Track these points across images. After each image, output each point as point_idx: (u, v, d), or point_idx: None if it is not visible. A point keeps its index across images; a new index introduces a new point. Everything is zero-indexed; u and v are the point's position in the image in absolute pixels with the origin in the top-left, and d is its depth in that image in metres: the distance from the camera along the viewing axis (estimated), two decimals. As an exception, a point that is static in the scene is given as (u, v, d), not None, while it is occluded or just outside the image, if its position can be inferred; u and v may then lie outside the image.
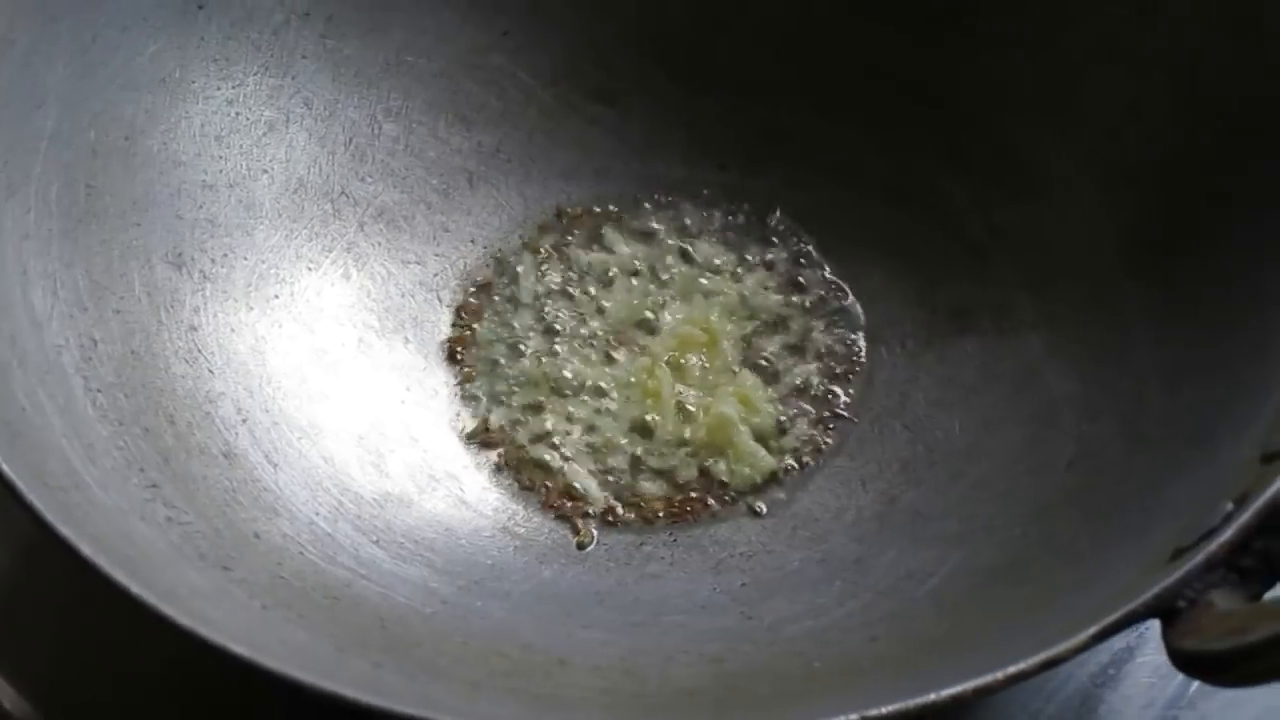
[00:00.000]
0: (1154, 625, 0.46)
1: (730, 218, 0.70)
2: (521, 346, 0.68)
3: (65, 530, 0.47)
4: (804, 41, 0.70)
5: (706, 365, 0.66)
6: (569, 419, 0.66)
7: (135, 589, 0.45)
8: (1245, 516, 0.46)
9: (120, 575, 0.46)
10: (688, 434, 0.65)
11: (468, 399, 0.66)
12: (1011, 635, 0.51)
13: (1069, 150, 0.65)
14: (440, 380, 0.67)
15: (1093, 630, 0.45)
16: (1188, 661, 0.44)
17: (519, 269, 0.70)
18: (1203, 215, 0.60)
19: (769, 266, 0.69)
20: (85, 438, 0.54)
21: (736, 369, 0.67)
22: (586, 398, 0.66)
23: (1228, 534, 0.46)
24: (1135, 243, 0.62)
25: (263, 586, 0.53)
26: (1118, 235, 0.63)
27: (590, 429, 0.65)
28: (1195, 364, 0.57)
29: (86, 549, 0.47)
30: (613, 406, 0.66)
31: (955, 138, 0.68)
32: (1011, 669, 0.45)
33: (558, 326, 0.68)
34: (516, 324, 0.68)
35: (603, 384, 0.66)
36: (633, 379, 0.66)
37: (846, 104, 0.70)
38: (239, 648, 0.45)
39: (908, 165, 0.69)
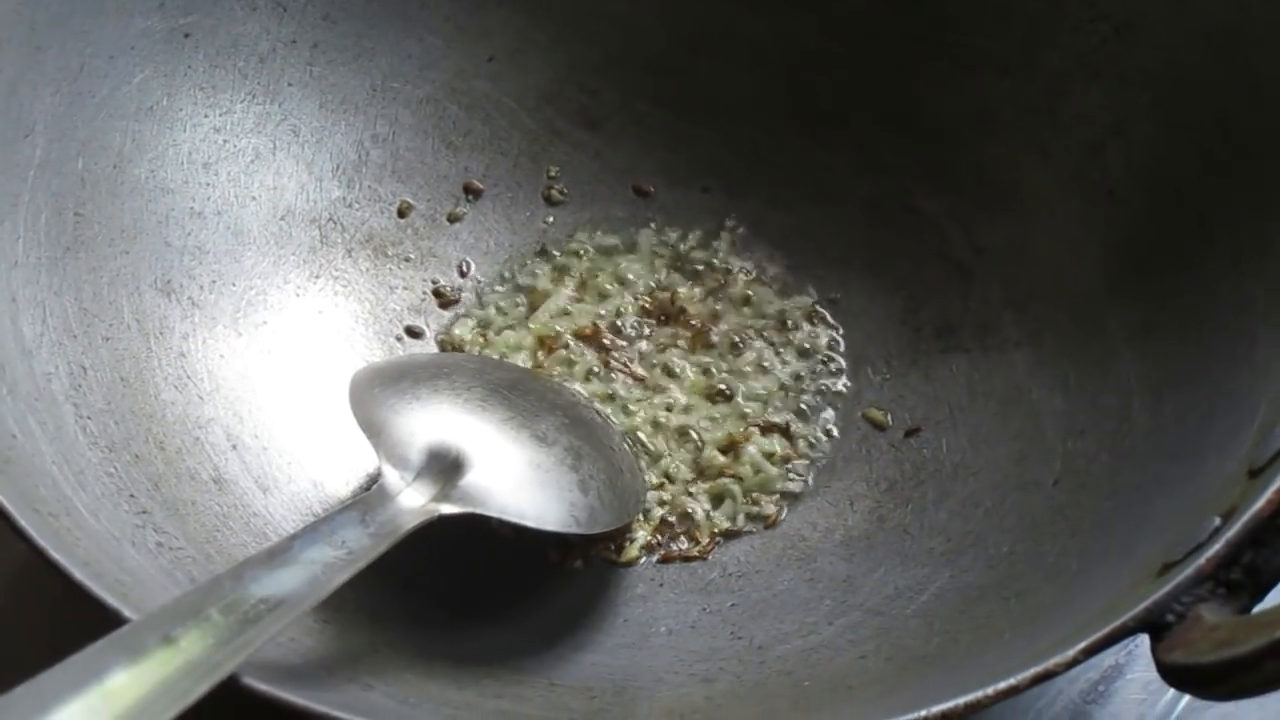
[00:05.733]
0: (1143, 642, 0.46)
1: (714, 241, 0.71)
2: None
3: (57, 556, 0.47)
4: (785, 65, 0.70)
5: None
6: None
7: (128, 613, 0.45)
8: (1232, 531, 0.46)
9: (113, 600, 0.46)
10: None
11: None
12: (1001, 652, 0.51)
13: (1051, 169, 0.66)
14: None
15: (1083, 644, 0.45)
16: (1177, 675, 0.44)
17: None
18: (1184, 230, 0.60)
19: (759, 280, 0.70)
20: (75, 464, 0.54)
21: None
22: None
23: (1215, 548, 0.46)
24: (1118, 259, 0.63)
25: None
26: (1100, 252, 0.64)
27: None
28: (1179, 378, 0.57)
29: (79, 574, 0.47)
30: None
31: (937, 158, 0.69)
32: (1002, 684, 0.45)
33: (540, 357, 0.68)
34: (505, 351, 0.68)
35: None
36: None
37: (827, 126, 0.70)
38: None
39: (890, 185, 0.69)
